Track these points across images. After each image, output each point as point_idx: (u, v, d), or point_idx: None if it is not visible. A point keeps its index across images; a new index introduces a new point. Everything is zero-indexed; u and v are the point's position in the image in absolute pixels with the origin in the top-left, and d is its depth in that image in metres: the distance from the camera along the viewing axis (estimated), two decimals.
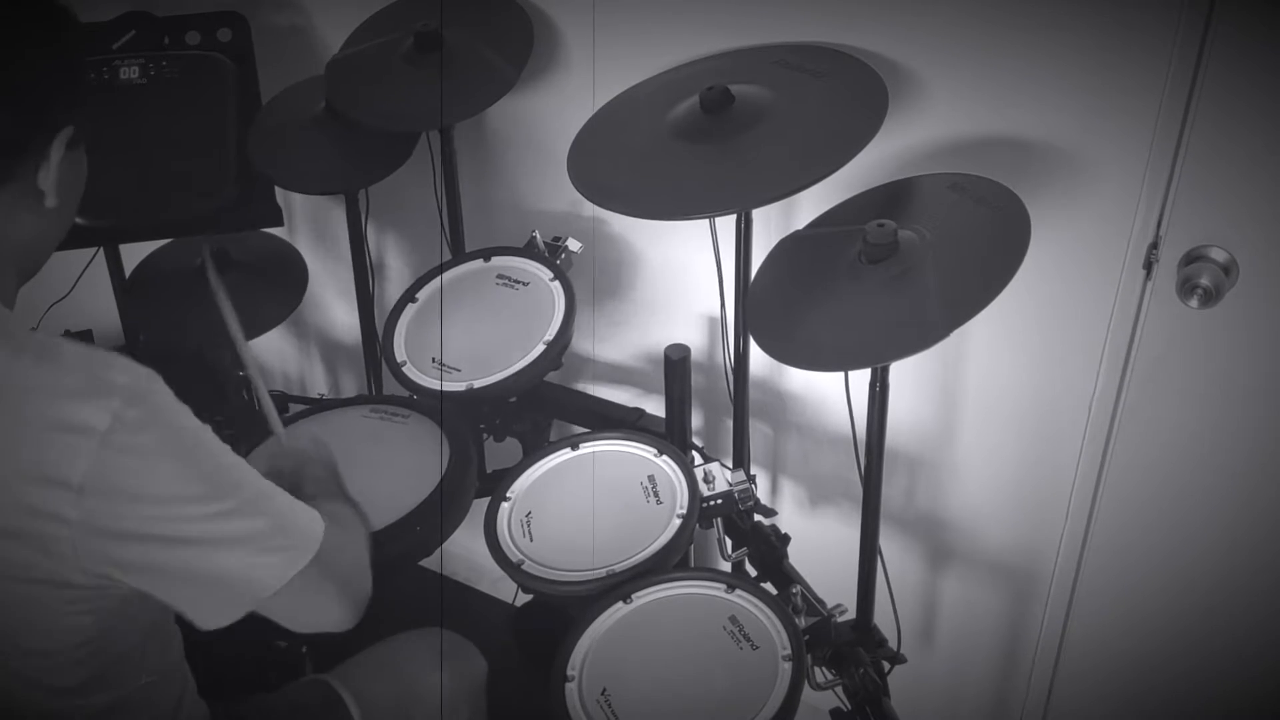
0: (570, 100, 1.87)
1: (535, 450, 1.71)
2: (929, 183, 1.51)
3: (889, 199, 1.51)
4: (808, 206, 1.63)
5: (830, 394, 1.87)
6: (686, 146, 1.53)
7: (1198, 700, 1.76)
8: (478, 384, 1.68)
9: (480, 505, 1.64)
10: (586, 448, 1.68)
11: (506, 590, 2.07)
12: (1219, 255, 1.44)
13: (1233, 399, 1.53)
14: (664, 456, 1.63)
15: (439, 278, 1.85)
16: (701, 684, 1.36)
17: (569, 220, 1.98)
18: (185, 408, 1.05)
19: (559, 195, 1.95)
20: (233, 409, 2.11)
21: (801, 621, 1.45)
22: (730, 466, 1.69)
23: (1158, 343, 1.55)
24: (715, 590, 1.46)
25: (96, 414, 0.97)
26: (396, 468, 1.67)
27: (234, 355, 2.10)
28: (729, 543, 1.73)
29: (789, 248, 1.55)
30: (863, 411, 1.49)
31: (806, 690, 1.36)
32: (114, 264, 2.12)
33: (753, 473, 1.70)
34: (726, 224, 1.71)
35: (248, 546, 1.06)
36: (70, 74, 1.05)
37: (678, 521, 1.52)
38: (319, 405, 1.84)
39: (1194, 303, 1.44)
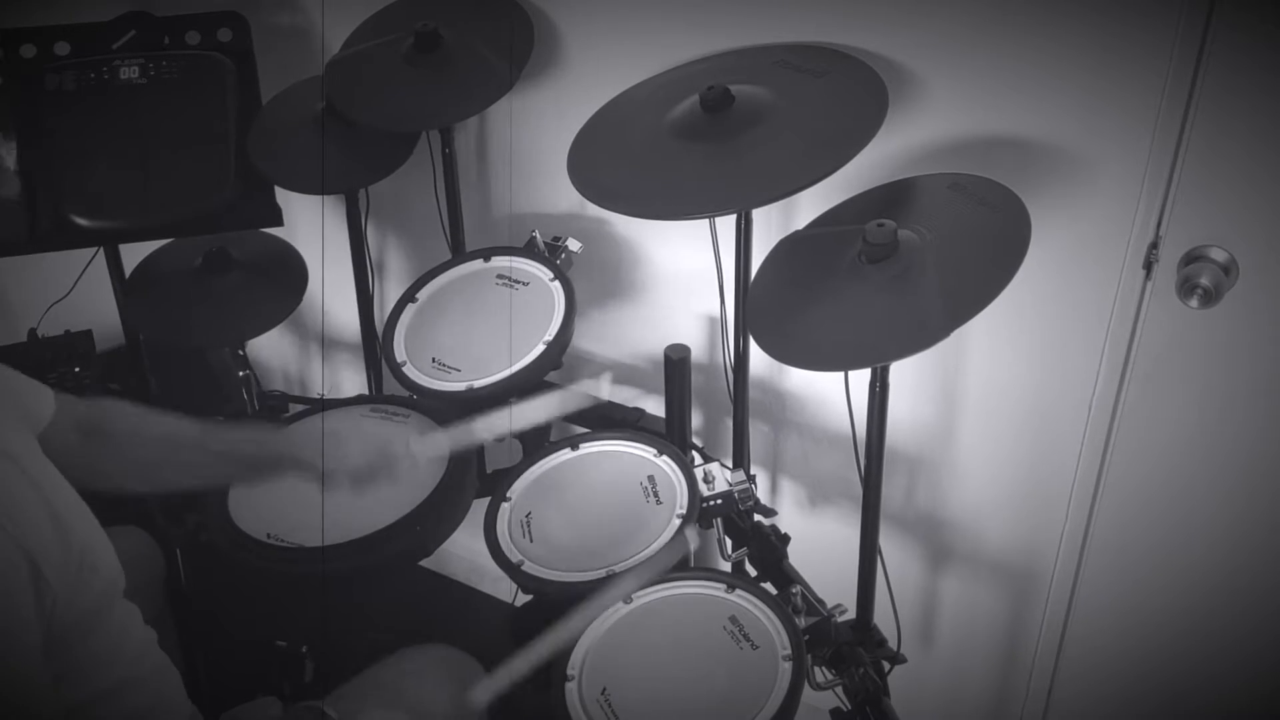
0: (570, 100, 1.87)
1: (535, 450, 1.71)
2: (929, 183, 1.51)
3: (889, 199, 1.51)
4: (808, 206, 1.63)
5: (830, 394, 1.87)
6: (686, 146, 1.53)
7: (1198, 700, 1.76)
8: (478, 384, 1.68)
9: (480, 505, 1.64)
10: (586, 448, 1.68)
11: (506, 590, 2.07)
12: (1219, 255, 1.44)
13: (1233, 399, 1.53)
14: (664, 456, 1.63)
15: (439, 277, 1.85)
16: (701, 684, 1.36)
17: (569, 220, 1.98)
18: None
19: (559, 195, 1.95)
20: (233, 409, 2.11)
21: (801, 621, 1.45)
22: (730, 466, 1.69)
23: (1158, 343, 1.55)
24: (715, 590, 1.46)
25: None
26: None
27: (234, 355, 2.11)
28: (729, 543, 1.73)
29: (789, 248, 1.55)
30: (863, 411, 1.49)
31: (806, 690, 1.36)
32: (114, 264, 2.11)
33: (753, 473, 1.70)
34: (726, 224, 1.71)
35: None
36: None
37: (678, 521, 1.52)
38: (319, 405, 1.84)
39: (1194, 303, 1.44)
